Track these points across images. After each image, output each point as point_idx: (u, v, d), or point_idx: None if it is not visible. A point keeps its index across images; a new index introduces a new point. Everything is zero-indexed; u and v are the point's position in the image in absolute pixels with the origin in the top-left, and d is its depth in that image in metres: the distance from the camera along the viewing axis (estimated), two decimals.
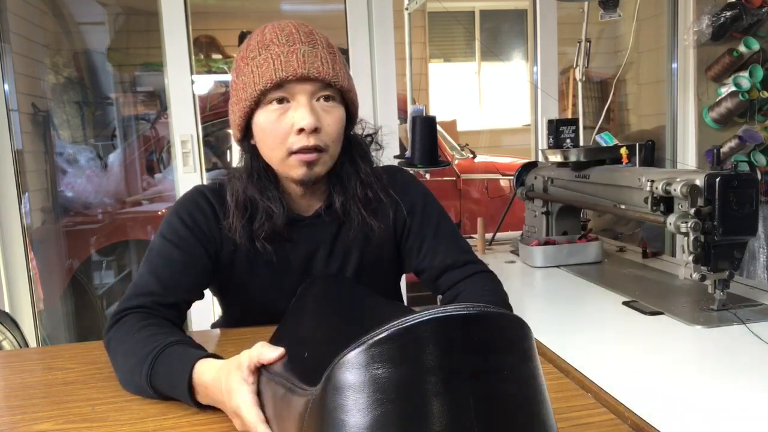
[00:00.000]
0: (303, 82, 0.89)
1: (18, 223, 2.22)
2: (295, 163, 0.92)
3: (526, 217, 1.74)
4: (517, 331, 0.45)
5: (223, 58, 3.85)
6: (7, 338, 1.51)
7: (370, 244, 1.03)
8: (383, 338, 0.41)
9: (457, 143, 3.85)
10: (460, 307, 0.42)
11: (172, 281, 0.92)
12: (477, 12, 5.48)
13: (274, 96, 0.90)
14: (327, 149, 0.93)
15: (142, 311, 0.89)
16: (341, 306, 0.89)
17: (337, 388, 0.42)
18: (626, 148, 1.41)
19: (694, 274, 1.06)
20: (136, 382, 0.79)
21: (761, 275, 2.54)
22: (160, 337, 0.81)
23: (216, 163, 3.40)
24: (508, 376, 0.43)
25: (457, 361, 0.41)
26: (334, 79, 0.91)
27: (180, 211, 0.98)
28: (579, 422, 0.70)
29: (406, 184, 1.07)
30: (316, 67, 0.89)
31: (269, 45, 0.90)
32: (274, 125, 0.90)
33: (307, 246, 1.01)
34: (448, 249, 1.03)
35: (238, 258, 1.00)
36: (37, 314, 2.36)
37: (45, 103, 3.00)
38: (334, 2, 2.60)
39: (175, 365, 0.76)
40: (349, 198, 0.99)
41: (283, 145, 0.91)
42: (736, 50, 2.47)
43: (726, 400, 0.74)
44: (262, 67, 0.89)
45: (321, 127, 0.91)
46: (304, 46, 0.90)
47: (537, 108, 2.46)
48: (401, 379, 0.41)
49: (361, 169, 1.00)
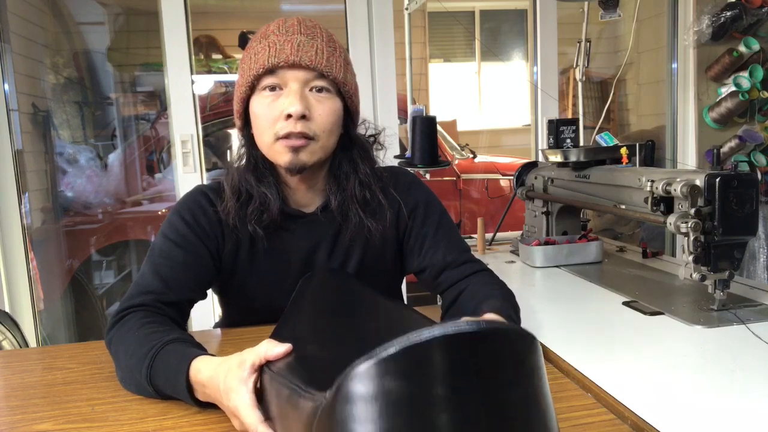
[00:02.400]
0: (295, 69, 0.90)
1: (18, 223, 2.22)
2: (282, 149, 0.92)
3: (526, 217, 1.74)
4: (526, 346, 0.46)
5: (223, 58, 3.85)
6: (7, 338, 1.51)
7: (371, 245, 1.03)
8: (395, 353, 0.41)
9: (457, 143, 3.85)
10: (471, 322, 0.42)
11: (174, 280, 0.93)
12: (477, 12, 5.48)
13: (267, 82, 0.91)
14: (316, 138, 0.93)
15: (144, 310, 0.89)
16: (342, 303, 0.89)
17: (348, 399, 0.43)
18: (626, 148, 1.41)
19: (694, 274, 1.06)
20: (137, 380, 0.79)
21: (761, 275, 2.54)
22: (159, 335, 0.81)
23: (216, 163, 3.40)
24: (517, 391, 0.44)
25: (467, 376, 0.42)
26: (327, 69, 0.91)
27: (182, 210, 0.98)
28: (579, 422, 0.70)
29: (408, 184, 1.08)
30: (309, 56, 0.90)
31: (269, 35, 0.93)
32: (265, 110, 0.92)
33: (307, 242, 1.02)
34: (448, 248, 1.03)
35: (240, 256, 1.00)
36: (37, 314, 2.36)
37: (45, 103, 3.00)
38: (334, 2, 2.60)
39: (172, 363, 0.76)
40: (347, 198, 0.99)
41: (272, 130, 0.92)
42: (736, 50, 2.47)
43: (726, 400, 0.74)
44: (259, 54, 0.91)
45: (310, 116, 0.91)
46: (301, 36, 0.92)
47: (537, 108, 2.46)
48: (412, 392, 0.41)
49: (360, 169, 1.00)
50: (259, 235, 0.97)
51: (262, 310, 1.04)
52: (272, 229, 0.98)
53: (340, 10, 2.33)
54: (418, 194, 1.07)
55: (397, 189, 1.05)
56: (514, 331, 0.45)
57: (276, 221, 0.97)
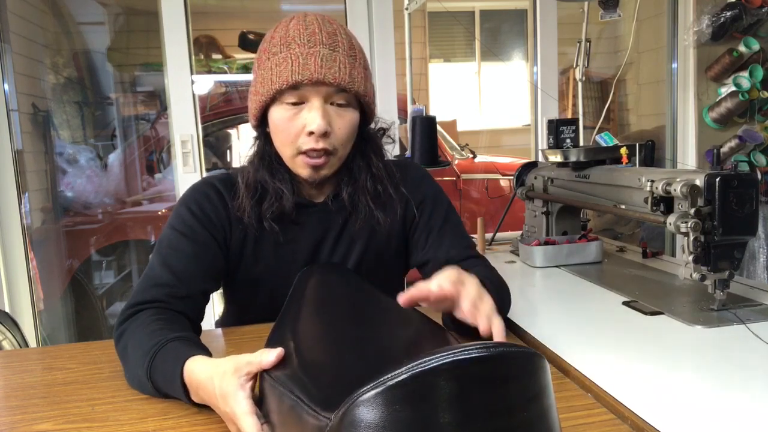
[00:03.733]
0: (318, 86, 0.91)
1: (18, 223, 2.22)
2: (302, 164, 0.95)
3: (526, 217, 1.74)
4: (535, 367, 0.46)
5: (223, 58, 3.84)
6: (7, 338, 1.52)
7: (376, 237, 1.05)
8: (403, 380, 0.42)
9: (457, 143, 3.85)
10: (479, 346, 0.43)
11: (184, 272, 0.92)
12: (477, 12, 5.48)
13: (290, 98, 0.92)
14: (335, 152, 0.95)
15: (158, 306, 0.88)
16: (343, 303, 0.89)
17: (354, 425, 0.43)
18: (626, 148, 1.41)
19: (694, 274, 1.06)
20: (139, 375, 0.78)
21: (761, 275, 2.54)
22: (165, 332, 0.80)
23: (216, 163, 3.40)
24: (525, 413, 0.44)
25: (476, 400, 0.42)
26: (350, 85, 0.92)
27: (188, 201, 0.99)
28: (579, 422, 0.70)
29: (417, 179, 1.09)
30: (333, 72, 0.90)
31: (290, 43, 0.92)
32: (287, 124, 0.93)
33: (316, 232, 1.03)
34: (453, 243, 1.05)
35: (247, 247, 1.01)
36: (37, 314, 2.36)
37: (45, 103, 3.00)
38: (334, 2, 2.60)
39: (169, 362, 0.75)
40: (358, 190, 1.01)
41: (294, 144, 0.93)
42: (736, 50, 2.47)
43: (726, 400, 0.74)
44: (281, 66, 0.90)
45: (331, 131, 0.93)
46: (324, 48, 0.91)
47: (537, 108, 2.46)
48: (420, 419, 0.41)
49: (373, 163, 1.02)
50: (274, 230, 0.98)
51: (266, 303, 1.04)
52: (286, 222, 0.99)
53: (340, 10, 2.33)
54: (427, 189, 1.09)
55: (406, 183, 1.07)
56: (522, 353, 0.45)
57: (290, 215, 0.99)
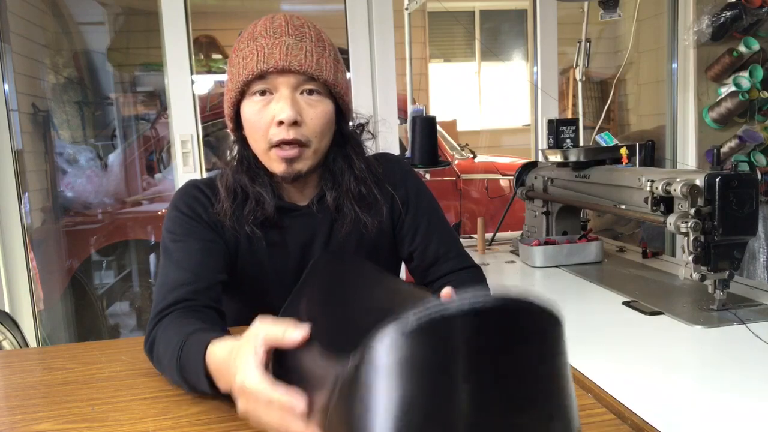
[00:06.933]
0: (285, 74, 0.89)
1: (18, 223, 2.22)
2: (276, 158, 0.92)
3: (526, 217, 1.74)
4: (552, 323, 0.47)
5: (223, 58, 3.85)
6: (7, 338, 1.52)
7: (367, 238, 1.04)
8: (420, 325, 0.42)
9: (457, 143, 3.85)
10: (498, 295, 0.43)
11: (199, 266, 0.91)
12: (477, 12, 5.48)
13: (257, 87, 0.90)
14: (309, 144, 0.92)
15: (183, 306, 0.87)
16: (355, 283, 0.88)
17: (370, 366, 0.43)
18: (626, 148, 1.41)
19: (694, 274, 1.06)
20: (171, 372, 0.77)
21: (761, 275, 2.54)
22: (190, 327, 0.79)
23: (216, 163, 3.39)
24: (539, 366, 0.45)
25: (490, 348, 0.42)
26: (317, 72, 0.90)
27: (178, 204, 0.98)
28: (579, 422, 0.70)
29: (401, 175, 1.08)
30: (298, 59, 0.89)
31: (257, 37, 0.91)
32: (256, 117, 0.91)
33: (303, 235, 1.02)
34: (440, 240, 1.06)
35: (240, 245, 1.00)
36: (37, 314, 2.36)
37: (45, 103, 3.00)
38: (334, 2, 2.60)
39: (192, 352, 0.74)
40: (342, 194, 0.99)
41: (265, 137, 0.91)
42: (736, 50, 2.47)
43: (726, 400, 0.74)
44: (247, 59, 0.90)
45: (302, 121, 0.91)
46: (290, 38, 0.90)
47: (537, 108, 2.46)
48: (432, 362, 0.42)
49: (356, 165, 1.00)
50: (257, 235, 0.97)
51: (258, 308, 1.03)
52: (269, 226, 0.98)
53: (340, 10, 2.33)
54: (411, 185, 1.08)
55: (390, 179, 1.06)
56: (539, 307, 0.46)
57: (272, 218, 0.97)
